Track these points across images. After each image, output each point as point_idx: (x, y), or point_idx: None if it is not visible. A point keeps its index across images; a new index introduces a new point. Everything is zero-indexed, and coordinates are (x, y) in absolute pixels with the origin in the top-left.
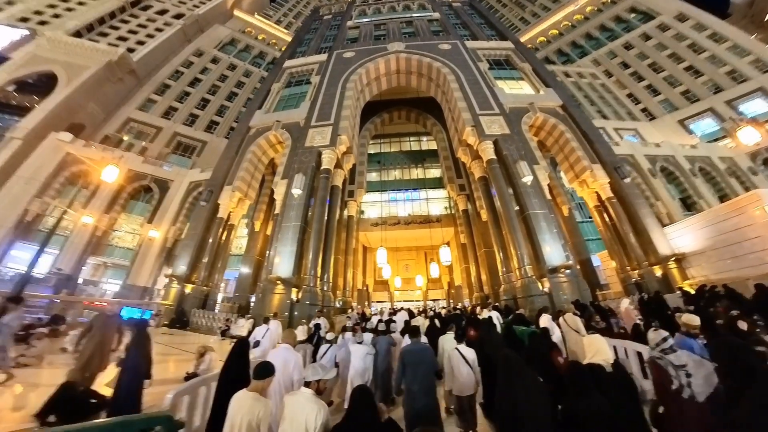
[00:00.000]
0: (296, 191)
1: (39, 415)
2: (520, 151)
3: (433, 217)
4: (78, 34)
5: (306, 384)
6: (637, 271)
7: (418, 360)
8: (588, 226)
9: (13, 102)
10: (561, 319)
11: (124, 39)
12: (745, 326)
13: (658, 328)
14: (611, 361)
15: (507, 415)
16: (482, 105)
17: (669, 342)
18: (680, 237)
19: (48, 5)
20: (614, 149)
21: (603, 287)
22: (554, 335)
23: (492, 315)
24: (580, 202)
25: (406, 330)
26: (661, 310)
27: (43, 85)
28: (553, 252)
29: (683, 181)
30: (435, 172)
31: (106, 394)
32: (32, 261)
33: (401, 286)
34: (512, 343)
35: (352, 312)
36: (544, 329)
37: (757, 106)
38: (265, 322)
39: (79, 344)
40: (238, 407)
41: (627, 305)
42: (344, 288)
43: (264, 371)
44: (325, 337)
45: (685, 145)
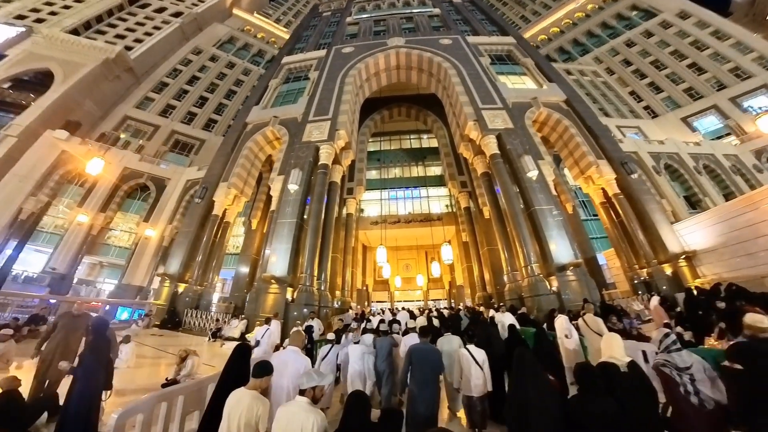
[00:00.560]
0: (292, 187)
1: None
2: (525, 146)
3: (434, 216)
4: (75, 31)
5: (301, 392)
6: (645, 270)
7: (425, 359)
8: (592, 224)
9: (8, 99)
10: (580, 321)
11: (121, 37)
12: None
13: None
14: (626, 360)
15: (517, 413)
16: (484, 99)
17: (671, 338)
18: (690, 234)
19: (45, 2)
20: None
21: (609, 286)
22: (571, 338)
23: (506, 318)
24: (584, 200)
25: (408, 330)
26: (692, 309)
27: (39, 82)
28: (561, 249)
29: (688, 178)
30: (436, 169)
31: None
32: (11, 257)
33: (401, 286)
34: (516, 343)
35: (349, 312)
36: (541, 330)
37: (761, 103)
38: (266, 322)
39: (42, 346)
40: (236, 405)
41: (656, 303)
42: (343, 288)
43: (262, 370)
44: (326, 336)
45: (689, 143)
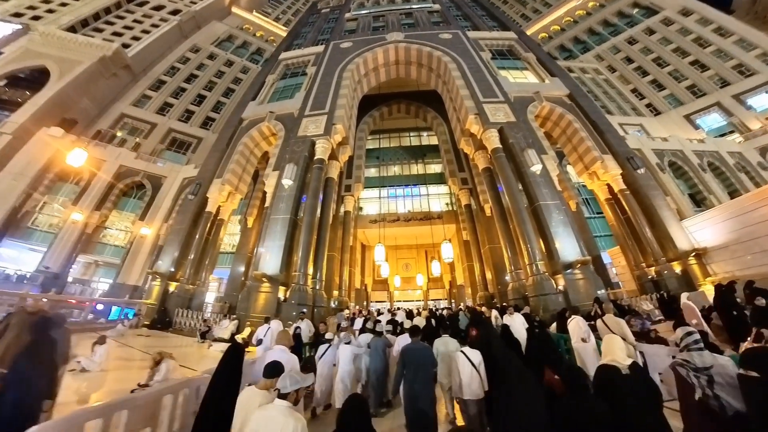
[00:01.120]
0: (287, 182)
1: None
2: (528, 140)
3: (434, 214)
4: (72, 29)
5: (282, 396)
6: (653, 268)
7: (418, 359)
8: (595, 222)
9: (4, 97)
10: (599, 323)
11: (119, 35)
12: None
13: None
14: (627, 363)
15: (504, 420)
16: (485, 93)
17: (693, 337)
18: (700, 231)
19: (42, 0)
20: None
21: (613, 286)
22: (589, 342)
23: (516, 320)
24: (587, 198)
25: (403, 330)
26: (726, 308)
27: (35, 80)
28: (568, 246)
29: (692, 176)
30: (436, 167)
31: None
32: None
33: (401, 286)
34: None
35: (344, 311)
36: (543, 333)
37: (764, 101)
38: (266, 321)
39: None
40: (249, 403)
41: (686, 300)
42: (340, 287)
43: (273, 371)
44: (324, 335)
45: (692, 140)
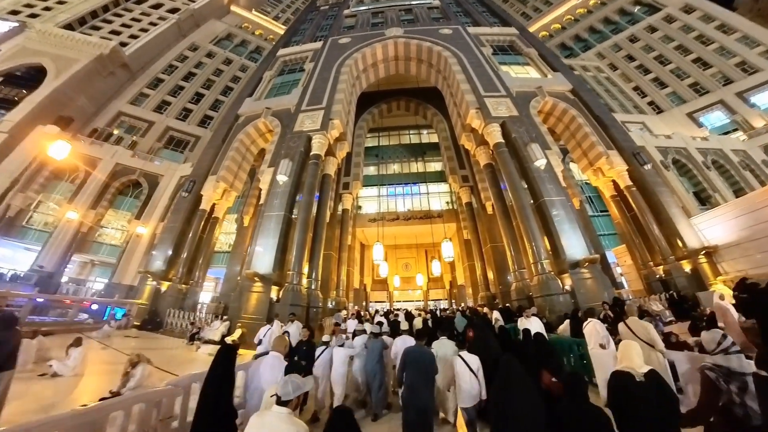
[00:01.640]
0: (281, 177)
1: None
2: (531, 134)
3: (434, 212)
4: (70, 27)
5: (282, 402)
6: (661, 267)
7: (420, 362)
8: (599, 220)
9: None
10: (621, 327)
11: (117, 33)
12: None
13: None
14: (644, 370)
15: (500, 418)
16: (487, 87)
17: (730, 339)
18: (710, 228)
19: None
20: None
21: (618, 285)
22: (609, 348)
23: (533, 324)
24: (590, 196)
25: (401, 332)
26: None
27: (31, 78)
28: (574, 244)
29: (696, 174)
30: (436, 165)
31: None
32: None
33: (400, 286)
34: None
35: (341, 312)
36: (538, 334)
37: None
38: (267, 321)
39: None
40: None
41: (718, 300)
42: (338, 287)
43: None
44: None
45: (696, 138)
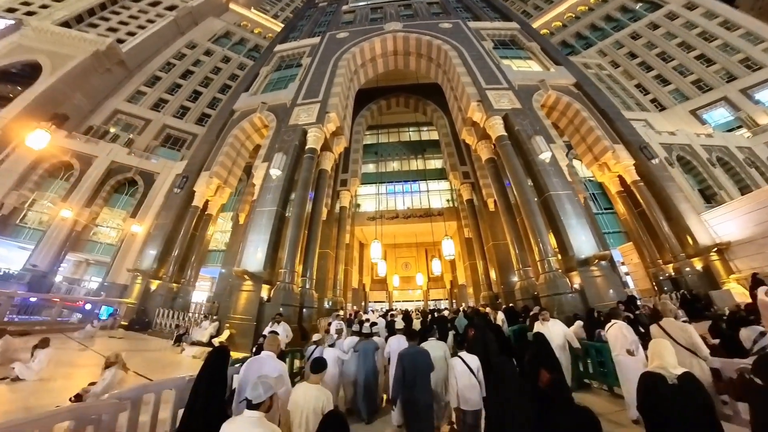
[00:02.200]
0: (275, 172)
1: None
2: (535, 127)
3: (434, 211)
4: (67, 24)
5: (254, 406)
6: (671, 265)
7: (416, 364)
8: (603, 218)
9: None
10: (653, 328)
11: (114, 30)
12: None
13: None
14: (678, 372)
15: (493, 420)
16: (488, 79)
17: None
18: (721, 224)
19: None
20: None
21: (624, 284)
22: (638, 355)
23: (555, 329)
24: (594, 194)
25: (392, 332)
26: None
27: (26, 75)
28: (583, 240)
29: (701, 171)
30: (436, 162)
31: None
32: None
33: (400, 285)
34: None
35: (339, 312)
36: (538, 334)
37: None
38: (256, 322)
39: None
40: (305, 396)
41: (763, 296)
42: (335, 287)
43: (318, 366)
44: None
45: (700, 135)
